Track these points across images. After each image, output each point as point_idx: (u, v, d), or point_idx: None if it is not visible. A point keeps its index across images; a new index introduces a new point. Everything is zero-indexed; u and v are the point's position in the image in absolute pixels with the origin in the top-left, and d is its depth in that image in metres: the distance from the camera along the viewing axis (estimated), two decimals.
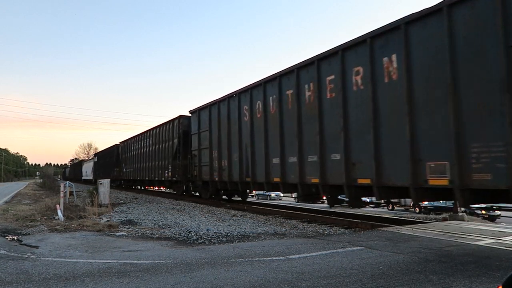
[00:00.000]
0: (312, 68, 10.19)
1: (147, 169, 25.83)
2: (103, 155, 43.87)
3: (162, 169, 22.55)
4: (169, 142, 21.47)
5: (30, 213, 12.81)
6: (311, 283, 4.60)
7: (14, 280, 4.84)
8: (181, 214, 13.45)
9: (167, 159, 21.55)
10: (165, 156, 22.08)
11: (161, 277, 4.91)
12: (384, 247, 6.71)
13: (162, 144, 22.66)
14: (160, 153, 22.99)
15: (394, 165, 7.96)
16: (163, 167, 22.39)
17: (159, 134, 23.62)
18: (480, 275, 4.84)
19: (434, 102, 7.22)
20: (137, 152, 28.84)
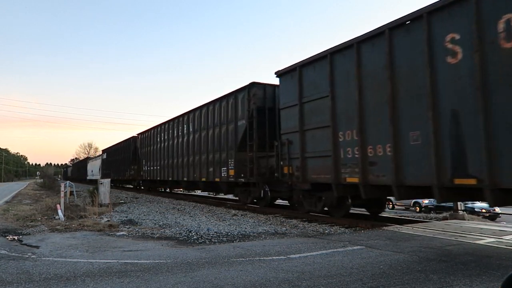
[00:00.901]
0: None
1: (185, 166, 19.34)
2: (115, 150, 37.23)
3: (215, 166, 16.09)
4: (229, 126, 15.19)
5: (31, 213, 12.82)
6: (311, 282, 4.60)
7: (15, 280, 4.84)
8: (182, 214, 13.46)
9: (226, 150, 15.24)
10: (221, 146, 15.73)
11: (162, 277, 4.91)
12: (384, 246, 6.71)
13: (215, 130, 16.32)
14: (211, 143, 16.55)
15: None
16: (217, 163, 15.92)
17: (207, 117, 17.12)
18: (480, 274, 4.84)
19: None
20: (167, 144, 22.11)
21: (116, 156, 36.41)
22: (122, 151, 33.81)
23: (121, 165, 33.45)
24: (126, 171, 31.49)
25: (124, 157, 32.63)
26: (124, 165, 32.48)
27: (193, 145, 18.58)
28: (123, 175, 32.74)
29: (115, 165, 36.30)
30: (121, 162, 33.54)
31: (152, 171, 24.96)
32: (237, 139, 14.53)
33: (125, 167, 32.09)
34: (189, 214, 13.32)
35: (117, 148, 36.31)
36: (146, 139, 26.78)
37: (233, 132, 14.85)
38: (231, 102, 15.17)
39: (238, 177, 14.45)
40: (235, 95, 14.86)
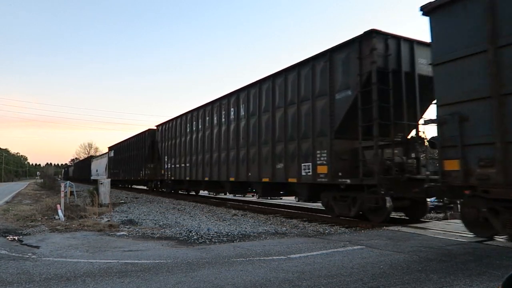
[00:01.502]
0: None
1: (231, 162, 15.08)
2: (125, 147, 32.87)
3: (288, 161, 11.90)
4: (316, 102, 10.89)
5: (31, 213, 12.81)
6: (312, 282, 4.60)
7: (15, 280, 4.84)
8: (182, 214, 13.46)
9: (311, 138, 10.98)
10: (300, 133, 11.46)
11: (162, 277, 4.91)
12: (384, 246, 6.71)
13: (288, 111, 12.03)
14: (281, 129, 12.29)
15: None
16: (292, 157, 11.71)
17: (272, 94, 12.79)
18: (481, 274, 4.84)
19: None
20: (202, 134, 17.74)
21: (126, 153, 32.06)
22: (134, 147, 29.49)
23: (133, 163, 29.33)
24: (140, 170, 27.15)
25: (136, 154, 28.45)
26: (136, 163, 28.37)
27: (246, 134, 14.05)
28: (136, 175, 28.51)
29: (124, 163, 32.33)
30: (133, 160, 29.44)
31: (178, 169, 20.44)
32: (333, 120, 10.22)
33: (138, 165, 27.90)
34: (189, 214, 13.32)
35: (128, 144, 31.81)
36: (169, 130, 22.13)
37: (325, 111, 10.48)
38: (320, 67, 10.87)
39: (335, 176, 10.14)
40: (329, 56, 10.54)
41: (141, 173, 27.34)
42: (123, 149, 33.60)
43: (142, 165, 26.95)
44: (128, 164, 31.25)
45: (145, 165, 26.32)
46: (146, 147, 26.46)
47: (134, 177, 29.46)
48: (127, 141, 32.42)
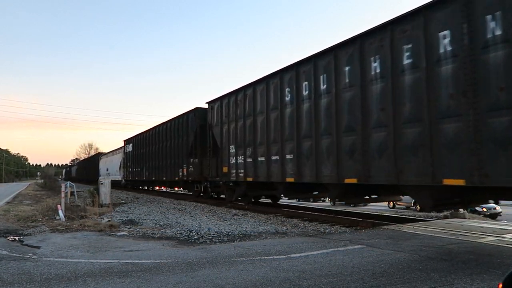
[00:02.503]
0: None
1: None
2: (153, 136, 24.94)
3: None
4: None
5: (32, 213, 12.82)
6: (312, 281, 4.60)
7: (16, 280, 4.85)
8: (182, 214, 13.46)
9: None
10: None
11: (163, 277, 4.91)
12: (385, 246, 6.71)
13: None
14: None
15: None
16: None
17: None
18: (481, 273, 4.84)
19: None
20: (300, 108, 10.97)
21: (153, 146, 24.68)
22: (168, 136, 22.08)
23: (167, 158, 22.01)
24: (179, 167, 19.92)
25: (172, 146, 21.21)
26: (172, 158, 21.07)
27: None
28: (172, 174, 20.97)
29: (151, 159, 24.82)
30: (166, 154, 22.17)
31: (259, 164, 12.97)
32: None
33: (175, 161, 20.64)
34: (190, 214, 13.32)
35: (156, 133, 24.38)
36: (237, 106, 14.43)
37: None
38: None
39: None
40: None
41: (180, 172, 19.73)
42: (148, 141, 25.85)
43: (182, 160, 19.47)
44: (158, 160, 23.59)
45: (188, 160, 18.73)
46: (190, 134, 18.89)
47: (169, 177, 21.79)
48: (155, 130, 24.67)
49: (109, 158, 41.23)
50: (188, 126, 19.30)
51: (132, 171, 30.23)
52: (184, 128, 19.84)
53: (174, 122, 21.50)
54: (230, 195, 16.26)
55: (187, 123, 19.50)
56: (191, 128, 18.93)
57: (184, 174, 19.48)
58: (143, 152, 27.21)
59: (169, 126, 22.33)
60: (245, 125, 14.04)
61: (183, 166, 19.54)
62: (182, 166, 19.68)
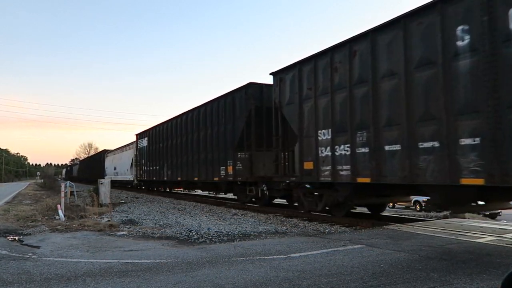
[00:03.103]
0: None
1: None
2: (176, 127, 20.73)
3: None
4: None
5: (31, 213, 12.83)
6: (312, 281, 4.60)
7: (16, 280, 4.84)
8: (182, 214, 13.47)
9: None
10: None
11: (163, 277, 4.91)
12: (385, 245, 6.71)
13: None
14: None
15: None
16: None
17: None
18: (481, 272, 4.84)
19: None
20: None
21: (177, 139, 20.35)
22: (200, 125, 17.63)
23: (199, 153, 17.51)
24: (221, 164, 15.48)
25: (207, 137, 16.84)
26: (209, 152, 16.57)
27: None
28: (209, 174, 16.56)
29: (175, 155, 20.50)
30: (198, 149, 17.63)
31: (387, 157, 8.44)
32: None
33: (213, 156, 16.19)
34: (190, 214, 13.33)
35: (182, 123, 19.88)
36: (333, 71, 10.04)
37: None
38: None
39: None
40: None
41: (223, 171, 15.28)
42: (171, 133, 21.42)
43: (226, 155, 15.03)
44: (186, 156, 19.04)
45: (234, 155, 14.40)
46: (238, 120, 14.43)
47: (203, 177, 17.21)
48: (182, 118, 20.05)
49: (117, 156, 35.97)
50: (235, 109, 14.70)
51: (147, 170, 25.45)
52: (229, 112, 15.19)
53: (213, 105, 16.65)
54: (312, 203, 11.51)
55: (234, 105, 14.82)
56: (240, 112, 14.34)
57: (228, 173, 14.87)
58: (163, 146, 22.37)
59: (204, 111, 17.42)
60: (353, 97, 9.36)
61: (228, 163, 14.90)
62: (226, 162, 15.03)
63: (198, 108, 18.23)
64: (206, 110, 17.34)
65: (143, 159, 26.88)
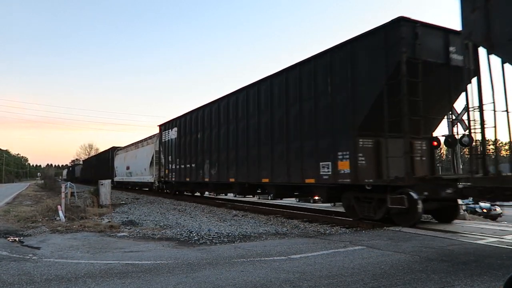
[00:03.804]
0: None
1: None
2: (228, 108, 15.40)
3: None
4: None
5: (32, 214, 12.82)
6: (312, 283, 4.60)
7: (16, 281, 4.84)
8: (182, 215, 13.46)
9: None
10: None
11: (163, 278, 4.91)
12: (385, 247, 6.71)
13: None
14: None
15: None
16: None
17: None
18: (481, 274, 4.84)
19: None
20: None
21: (230, 124, 15.23)
22: (272, 103, 12.86)
23: (271, 144, 12.81)
24: (323, 157, 10.51)
25: (284, 118, 12.16)
26: (290, 141, 11.93)
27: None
28: (292, 173, 11.77)
29: (224, 148, 15.64)
30: (270, 137, 12.92)
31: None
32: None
33: (300, 145, 11.46)
34: (190, 215, 13.32)
35: (235, 102, 14.96)
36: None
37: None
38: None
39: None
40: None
41: (325, 168, 10.51)
42: (217, 118, 16.27)
43: (334, 142, 10.24)
44: (247, 148, 14.10)
45: (353, 141, 9.61)
46: (368, 83, 9.44)
47: (282, 178, 12.28)
48: (236, 97, 14.98)
49: (131, 153, 30.73)
50: (357, 67, 9.72)
51: (176, 169, 20.52)
52: (340, 74, 10.19)
53: (300, 70, 11.58)
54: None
55: (354, 61, 9.80)
56: (370, 70, 9.41)
57: (339, 171, 10.00)
58: (203, 137, 17.28)
59: (279, 84, 12.50)
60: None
61: (338, 156, 10.03)
62: (333, 155, 10.18)
63: (265, 81, 13.13)
64: (283, 81, 12.34)
65: (170, 155, 21.45)
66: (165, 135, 22.88)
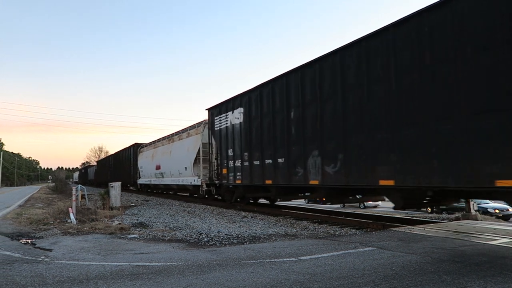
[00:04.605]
0: None
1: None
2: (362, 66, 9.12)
3: None
4: None
5: (43, 216, 12.98)
6: (323, 284, 4.58)
7: (29, 283, 4.90)
8: (192, 216, 13.50)
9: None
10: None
11: (173, 279, 4.93)
12: (396, 248, 6.65)
13: None
14: None
15: None
16: None
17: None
18: (495, 275, 4.77)
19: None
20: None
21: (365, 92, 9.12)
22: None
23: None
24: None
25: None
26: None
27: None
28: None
29: (353, 129, 9.53)
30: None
31: None
32: None
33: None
34: (199, 217, 13.36)
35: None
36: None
37: None
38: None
39: None
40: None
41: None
42: (331, 85, 10.26)
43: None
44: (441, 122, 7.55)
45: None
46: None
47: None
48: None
49: (163, 149, 24.72)
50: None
51: (243, 168, 14.40)
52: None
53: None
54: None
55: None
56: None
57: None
58: (306, 115, 11.18)
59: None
60: None
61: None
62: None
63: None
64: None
65: (231, 148, 15.20)
66: (219, 120, 16.28)
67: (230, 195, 16.57)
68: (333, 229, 9.74)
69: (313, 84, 10.98)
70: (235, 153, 14.99)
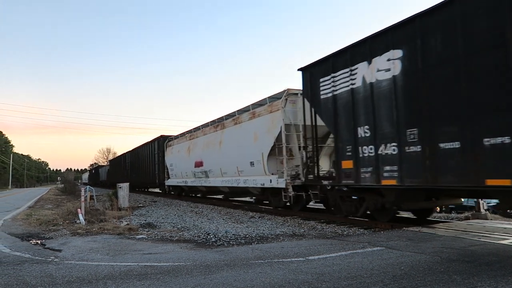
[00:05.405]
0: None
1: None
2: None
3: None
4: None
5: (53, 217, 13.09)
6: (331, 284, 4.56)
7: (39, 283, 4.95)
8: (200, 217, 13.53)
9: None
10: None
11: (181, 279, 4.95)
12: (405, 247, 6.60)
13: None
14: None
15: None
16: None
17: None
18: (506, 275, 4.71)
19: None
20: None
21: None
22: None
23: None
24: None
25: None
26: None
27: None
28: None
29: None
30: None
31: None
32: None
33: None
34: (207, 217, 13.38)
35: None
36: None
37: None
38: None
39: None
40: None
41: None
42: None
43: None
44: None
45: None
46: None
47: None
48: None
49: (205, 140, 18.85)
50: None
51: (405, 156, 7.86)
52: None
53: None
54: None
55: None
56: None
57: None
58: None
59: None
60: None
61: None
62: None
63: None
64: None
65: (365, 123, 9.07)
66: (331, 83, 10.06)
67: (353, 205, 10.48)
68: (341, 229, 9.69)
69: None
70: (379, 133, 8.73)
